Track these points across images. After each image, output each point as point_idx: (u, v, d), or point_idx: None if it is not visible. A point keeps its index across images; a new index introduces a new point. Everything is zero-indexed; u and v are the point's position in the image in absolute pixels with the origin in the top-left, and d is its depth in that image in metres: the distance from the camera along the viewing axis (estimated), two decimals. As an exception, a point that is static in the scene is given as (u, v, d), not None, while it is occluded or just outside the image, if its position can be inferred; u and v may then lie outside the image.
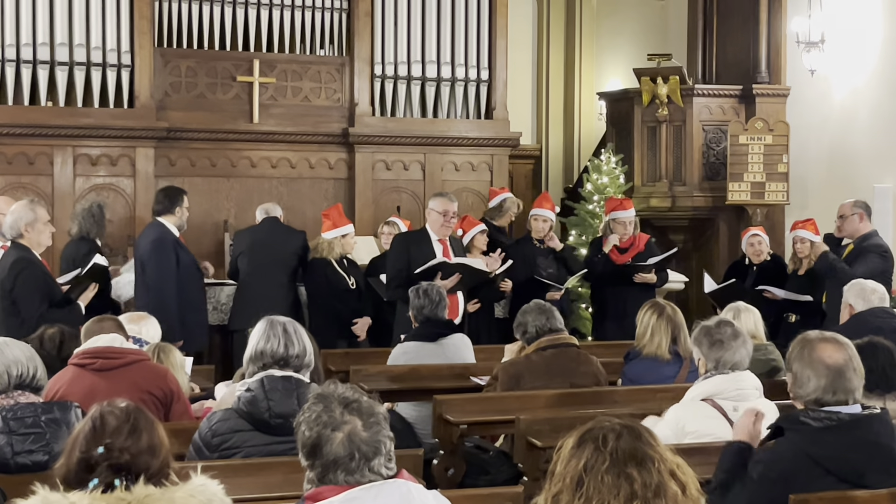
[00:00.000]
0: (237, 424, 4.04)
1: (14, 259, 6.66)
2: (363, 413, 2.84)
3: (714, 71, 12.09)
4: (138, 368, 4.70)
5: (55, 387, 4.60)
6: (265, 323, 4.22)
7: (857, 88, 10.22)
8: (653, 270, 8.77)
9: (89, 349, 4.69)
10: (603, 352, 6.85)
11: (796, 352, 3.71)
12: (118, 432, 2.71)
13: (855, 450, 3.51)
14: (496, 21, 11.15)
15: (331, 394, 2.88)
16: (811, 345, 3.68)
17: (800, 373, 3.66)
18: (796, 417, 3.60)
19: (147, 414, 2.82)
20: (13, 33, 9.72)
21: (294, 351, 4.12)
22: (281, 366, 4.11)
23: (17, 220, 6.70)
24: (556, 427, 4.63)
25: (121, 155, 10.12)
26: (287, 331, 4.16)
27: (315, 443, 2.80)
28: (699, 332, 4.75)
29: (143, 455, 2.70)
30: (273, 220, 8.62)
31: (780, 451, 3.58)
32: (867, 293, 6.22)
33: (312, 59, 10.88)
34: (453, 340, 6.62)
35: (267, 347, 4.12)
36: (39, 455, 3.73)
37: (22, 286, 6.56)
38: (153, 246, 7.66)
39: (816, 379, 3.61)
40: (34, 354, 4.06)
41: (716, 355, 4.65)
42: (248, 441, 4.02)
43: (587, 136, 13.83)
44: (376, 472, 2.80)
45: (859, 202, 8.24)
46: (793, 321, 8.40)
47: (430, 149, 11.02)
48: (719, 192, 10.90)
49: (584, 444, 2.60)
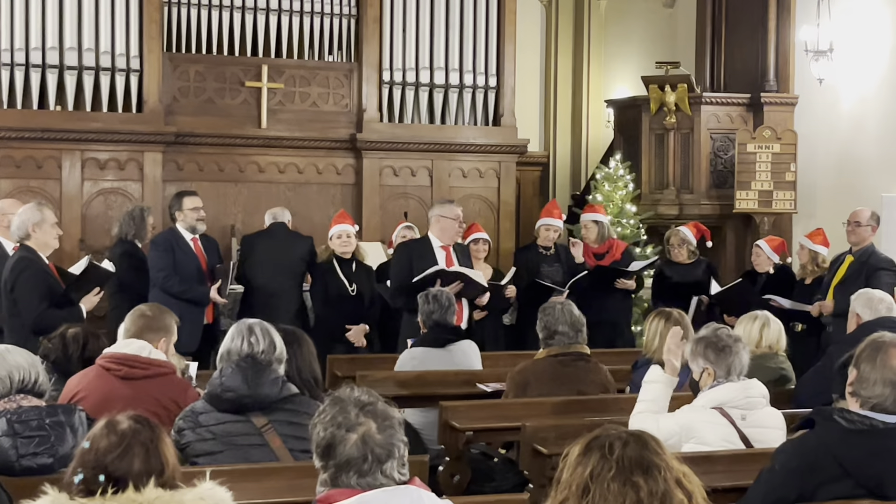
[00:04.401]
0: (200, 407, 4.21)
1: (16, 259, 6.69)
2: (378, 416, 2.85)
3: (722, 79, 12.10)
4: (161, 382, 4.67)
5: (78, 385, 4.61)
6: (235, 326, 4.40)
7: (866, 97, 10.21)
8: (633, 277, 8.82)
9: (118, 355, 4.67)
10: (611, 359, 6.83)
11: (867, 353, 3.64)
12: (107, 455, 2.74)
13: (879, 457, 3.48)
14: (504, 28, 11.15)
15: (347, 396, 2.89)
16: (884, 349, 3.62)
17: (867, 374, 3.59)
18: (829, 414, 3.57)
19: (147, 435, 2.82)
20: (22, 37, 9.74)
21: (258, 348, 4.26)
22: (251, 361, 4.24)
23: (25, 220, 6.71)
24: (563, 434, 4.61)
25: (129, 159, 10.14)
26: (253, 330, 4.31)
27: (329, 443, 2.81)
28: (700, 344, 4.68)
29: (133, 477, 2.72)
30: (281, 226, 8.63)
31: (805, 442, 3.56)
32: (874, 303, 6.19)
33: (321, 64, 10.90)
34: (461, 347, 6.62)
35: (232, 346, 4.31)
36: (44, 458, 3.73)
37: (22, 286, 6.57)
38: (150, 246, 8.12)
39: (882, 386, 3.56)
40: (36, 361, 4.06)
41: (726, 362, 4.63)
42: (205, 420, 4.15)
43: (595, 143, 13.84)
44: (388, 476, 2.80)
45: (875, 214, 8.22)
46: (799, 330, 8.39)
47: (438, 155, 11.03)
48: (727, 200, 10.90)
49: (591, 451, 2.60)
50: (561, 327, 5.86)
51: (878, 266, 7.93)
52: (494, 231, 10.73)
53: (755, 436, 4.60)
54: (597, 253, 9.02)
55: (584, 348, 5.97)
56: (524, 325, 8.41)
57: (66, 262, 8.24)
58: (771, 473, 3.57)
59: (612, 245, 9.10)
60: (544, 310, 5.98)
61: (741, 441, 4.58)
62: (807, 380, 5.91)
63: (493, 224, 10.90)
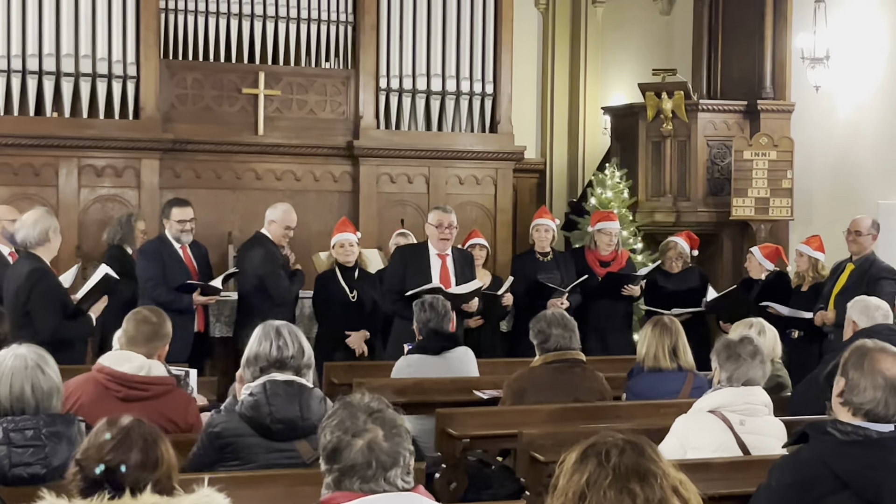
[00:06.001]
0: (239, 428, 4.06)
1: (29, 270, 6.53)
2: (386, 423, 2.85)
3: (719, 86, 12.11)
4: (161, 403, 4.62)
5: (74, 395, 4.56)
6: (261, 327, 4.24)
7: (862, 104, 10.22)
8: (639, 283, 8.87)
9: (117, 374, 4.58)
10: (607, 367, 6.83)
11: (854, 360, 3.62)
12: (104, 446, 2.74)
13: (876, 468, 3.46)
14: (501, 35, 11.16)
15: (357, 402, 2.90)
16: (870, 354, 3.61)
17: (856, 381, 3.58)
18: (823, 427, 3.56)
19: (147, 430, 2.83)
20: (19, 44, 9.74)
21: (288, 353, 4.13)
22: (279, 368, 4.12)
23: (46, 227, 6.55)
24: (559, 441, 4.62)
25: (126, 166, 10.13)
26: (280, 333, 4.17)
27: (335, 447, 2.82)
28: (720, 344, 4.78)
29: (130, 470, 2.72)
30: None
31: (800, 457, 3.55)
32: (871, 310, 6.20)
33: (318, 71, 10.90)
34: (457, 354, 6.62)
35: (260, 351, 4.15)
36: (37, 468, 3.70)
37: (38, 299, 6.45)
38: (139, 254, 8.21)
39: (874, 390, 3.54)
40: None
41: (730, 368, 4.66)
42: (249, 445, 4.04)
43: (592, 150, 13.84)
44: (392, 483, 2.81)
45: (875, 223, 8.23)
46: (796, 337, 8.40)
47: (435, 162, 11.03)
48: (723, 207, 10.90)
49: (587, 458, 2.59)
50: (555, 330, 5.90)
51: (879, 275, 7.93)
52: (491, 238, 10.72)
53: (753, 443, 4.60)
54: (604, 261, 9.03)
55: (579, 355, 6.00)
56: (521, 331, 8.41)
57: (61, 269, 8.22)
58: (768, 490, 3.57)
59: (617, 252, 9.13)
60: (536, 319, 6.05)
61: (738, 447, 4.58)
62: (802, 388, 5.92)
63: (489, 231, 10.89)
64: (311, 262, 8.89)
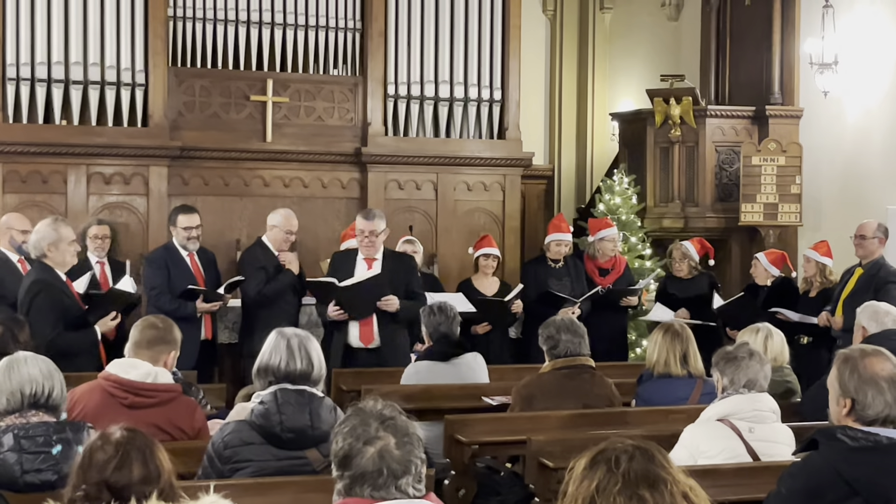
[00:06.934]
0: (249, 437, 4.04)
1: (31, 281, 6.62)
2: (398, 431, 2.85)
3: (727, 92, 12.10)
4: (166, 410, 4.60)
5: (79, 403, 4.55)
6: (274, 335, 4.20)
7: (871, 110, 10.21)
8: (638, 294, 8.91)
9: (123, 381, 4.57)
10: (616, 373, 6.82)
11: (847, 373, 3.56)
12: (106, 467, 2.73)
13: (886, 474, 3.44)
14: (509, 41, 11.16)
15: (369, 409, 2.89)
16: (857, 362, 3.56)
17: (861, 394, 3.51)
18: (833, 433, 3.53)
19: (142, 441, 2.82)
20: (28, 52, 9.76)
21: (297, 367, 4.09)
22: (288, 381, 4.10)
23: (40, 239, 6.63)
24: (568, 448, 4.59)
25: (134, 174, 10.15)
26: (291, 346, 4.12)
27: (346, 454, 2.82)
28: (716, 356, 4.79)
29: (134, 486, 2.71)
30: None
31: (810, 463, 3.53)
32: (880, 315, 6.18)
33: (326, 78, 10.90)
34: (466, 360, 6.61)
35: (271, 363, 4.11)
36: (48, 475, 3.71)
37: (36, 311, 6.49)
38: (145, 262, 8.31)
39: (881, 395, 3.51)
40: (52, 371, 3.96)
41: (731, 372, 4.66)
42: (259, 454, 4.02)
43: (600, 156, 13.82)
44: (403, 491, 2.80)
45: (882, 226, 8.21)
46: (804, 343, 8.38)
47: (443, 168, 11.02)
48: (732, 213, 10.89)
49: (597, 465, 2.58)
50: (564, 335, 5.89)
51: (887, 279, 7.91)
52: (499, 244, 10.69)
53: (763, 449, 4.59)
54: (603, 268, 9.04)
55: (588, 360, 5.99)
56: (530, 338, 8.40)
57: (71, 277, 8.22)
58: (778, 498, 3.55)
59: (616, 260, 9.16)
60: (545, 324, 6.03)
61: (748, 454, 4.57)
62: (812, 393, 5.90)
63: (497, 237, 10.86)
64: (318, 268, 8.89)
